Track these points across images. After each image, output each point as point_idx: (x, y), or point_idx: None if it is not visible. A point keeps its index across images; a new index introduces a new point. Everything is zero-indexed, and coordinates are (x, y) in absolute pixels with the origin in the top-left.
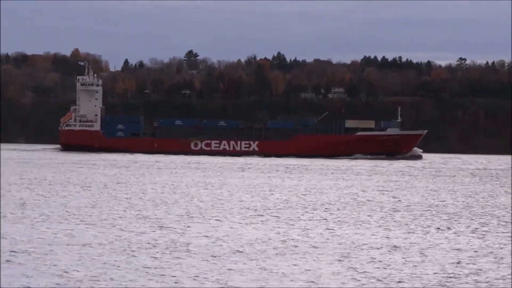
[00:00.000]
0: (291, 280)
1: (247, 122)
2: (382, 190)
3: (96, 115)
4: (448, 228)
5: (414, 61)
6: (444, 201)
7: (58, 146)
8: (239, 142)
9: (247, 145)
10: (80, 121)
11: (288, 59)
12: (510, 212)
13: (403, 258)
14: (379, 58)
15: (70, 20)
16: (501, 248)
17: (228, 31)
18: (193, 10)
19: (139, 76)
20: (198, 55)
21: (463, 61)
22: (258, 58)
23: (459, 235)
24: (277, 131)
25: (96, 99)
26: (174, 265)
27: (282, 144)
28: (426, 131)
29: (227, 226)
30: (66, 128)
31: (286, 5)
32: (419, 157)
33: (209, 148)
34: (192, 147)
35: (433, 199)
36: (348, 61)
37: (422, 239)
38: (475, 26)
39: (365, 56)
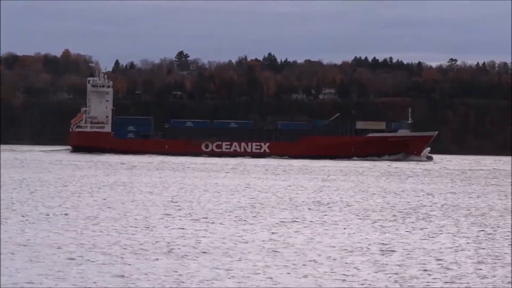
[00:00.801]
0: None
1: (256, 123)
2: (359, 192)
3: (107, 116)
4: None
5: (405, 62)
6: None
7: (69, 147)
8: (250, 144)
9: (258, 147)
10: (91, 122)
11: (279, 60)
12: None
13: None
14: (370, 59)
15: (60, 20)
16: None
17: (219, 32)
18: (183, 11)
19: (130, 77)
20: (189, 56)
21: (454, 62)
22: (249, 59)
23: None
24: (288, 132)
25: (107, 100)
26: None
27: (293, 145)
28: (437, 132)
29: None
30: (77, 129)
31: (277, 6)
32: (429, 159)
33: (220, 150)
34: (203, 148)
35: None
36: (339, 62)
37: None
38: (466, 27)
39: (356, 57)
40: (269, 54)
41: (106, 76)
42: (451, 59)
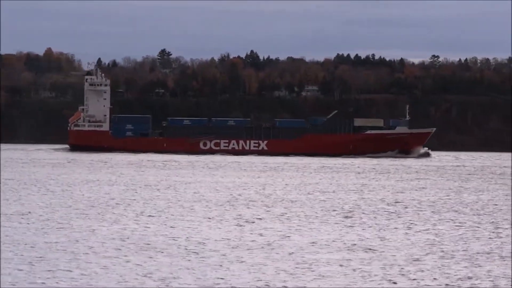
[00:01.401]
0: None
1: (254, 121)
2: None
3: (105, 115)
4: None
5: (387, 59)
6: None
7: (66, 146)
8: (248, 141)
9: (256, 144)
10: (89, 121)
11: (261, 57)
12: None
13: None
14: (352, 56)
15: (43, 19)
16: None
17: (201, 29)
18: (165, 9)
19: (112, 75)
20: (171, 54)
21: (436, 59)
22: (231, 57)
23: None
24: (286, 130)
25: (105, 99)
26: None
27: (291, 143)
28: (435, 129)
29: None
30: (75, 128)
31: (259, 4)
32: (427, 155)
33: (218, 148)
34: (201, 146)
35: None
36: (322, 59)
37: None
38: (448, 24)
39: (338, 54)
40: (252, 51)
41: (103, 74)
42: (433, 56)
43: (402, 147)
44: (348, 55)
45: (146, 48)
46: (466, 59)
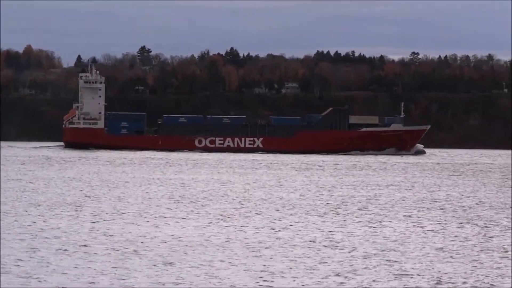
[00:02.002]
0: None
1: (249, 119)
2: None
3: (100, 112)
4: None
5: (367, 56)
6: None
7: (62, 143)
8: (243, 139)
9: (252, 142)
10: (84, 118)
11: (241, 55)
12: None
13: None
14: (332, 53)
15: (22, 16)
16: None
17: (180, 26)
18: (145, 5)
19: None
20: (151, 51)
21: (415, 56)
22: (211, 54)
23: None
24: (281, 128)
25: (100, 96)
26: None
27: (286, 140)
28: (429, 126)
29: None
30: (70, 126)
31: (238, 1)
32: (422, 153)
33: (213, 145)
34: (197, 144)
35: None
36: (301, 56)
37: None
38: (428, 21)
39: (318, 51)
40: (231, 48)
41: (98, 72)
42: (413, 53)
43: (398, 144)
44: (328, 52)
45: (126, 45)
46: (446, 56)
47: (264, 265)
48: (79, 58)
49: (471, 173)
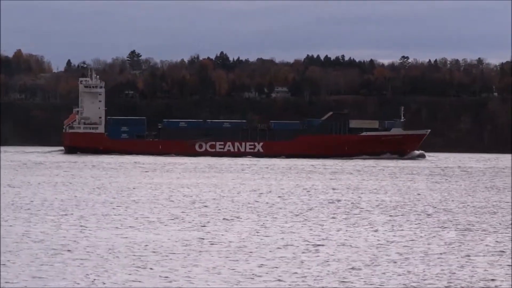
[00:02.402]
0: None
1: (250, 123)
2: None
3: (100, 117)
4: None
5: (357, 60)
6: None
7: (61, 148)
8: (243, 143)
9: (252, 146)
10: (84, 123)
11: (231, 59)
12: None
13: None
14: (322, 57)
15: (12, 20)
16: None
17: (171, 30)
18: (135, 9)
19: (82, 76)
20: (141, 55)
21: (405, 60)
22: (201, 58)
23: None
24: (282, 132)
25: (100, 101)
26: None
27: (287, 144)
28: (429, 130)
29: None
30: (70, 130)
31: (228, 4)
32: (422, 157)
33: (214, 150)
34: (197, 148)
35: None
36: (291, 60)
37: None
38: (418, 25)
39: (308, 55)
40: (221, 53)
41: (98, 76)
42: (403, 57)
43: (397, 149)
44: (318, 56)
45: (116, 50)
46: (435, 60)
47: (235, 268)
48: (69, 62)
49: (467, 177)
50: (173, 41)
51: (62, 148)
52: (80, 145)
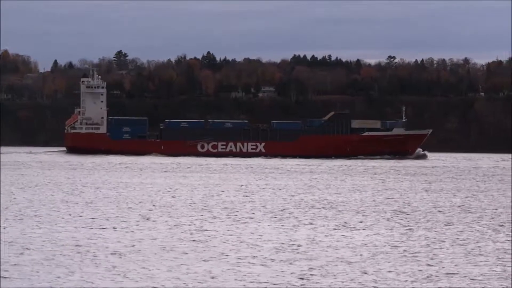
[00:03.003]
0: None
1: (251, 123)
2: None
3: (102, 117)
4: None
5: (344, 60)
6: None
7: (63, 148)
8: (245, 144)
9: (254, 147)
10: (86, 123)
11: (218, 59)
12: None
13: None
14: (309, 57)
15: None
16: None
17: (157, 31)
18: (122, 10)
19: (69, 76)
20: (127, 55)
21: (392, 59)
22: (188, 58)
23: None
24: (284, 132)
25: (102, 101)
26: None
27: (289, 145)
28: (431, 130)
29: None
30: (72, 131)
31: (214, 4)
32: (424, 157)
33: (216, 150)
34: (199, 149)
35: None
36: (278, 60)
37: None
38: (405, 25)
39: (294, 54)
40: (208, 52)
41: (100, 77)
42: (390, 56)
43: (399, 149)
44: (305, 56)
45: (102, 50)
46: (422, 60)
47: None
48: (55, 62)
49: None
50: (159, 41)
51: (64, 148)
52: (82, 145)
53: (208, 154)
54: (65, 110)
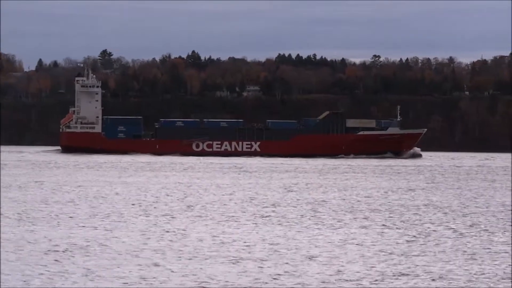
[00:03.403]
0: None
1: (246, 122)
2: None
3: (97, 117)
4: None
5: (329, 59)
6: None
7: (58, 148)
8: (240, 143)
9: (249, 146)
10: (81, 123)
11: (202, 58)
12: None
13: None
14: (294, 56)
15: None
16: None
17: (142, 30)
18: (107, 9)
19: (53, 76)
20: (112, 54)
21: (377, 58)
22: (172, 57)
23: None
24: (279, 131)
25: (97, 100)
26: None
27: (284, 144)
28: (426, 130)
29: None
30: (67, 130)
31: (199, 4)
32: (419, 156)
33: (211, 149)
34: (194, 148)
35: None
36: (263, 59)
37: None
38: (389, 24)
39: (279, 53)
40: (193, 52)
41: (95, 76)
42: (375, 55)
43: (394, 148)
44: (290, 55)
45: (87, 49)
46: (407, 59)
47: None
48: (40, 62)
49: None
50: (144, 41)
51: (59, 147)
52: (77, 144)
53: (203, 154)
54: (51, 109)
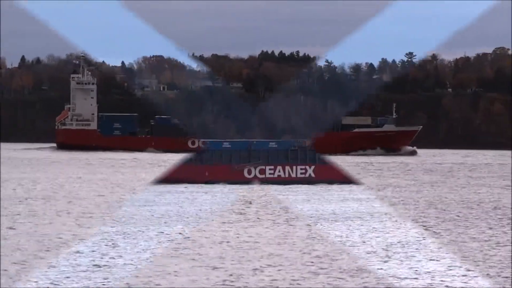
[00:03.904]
0: None
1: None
2: None
3: (93, 114)
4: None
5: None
6: None
7: (54, 145)
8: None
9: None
10: (77, 120)
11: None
12: None
13: None
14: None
15: None
16: None
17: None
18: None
19: (36, 72)
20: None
21: None
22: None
23: None
24: None
25: (92, 97)
26: None
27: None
28: (421, 127)
29: None
30: (62, 127)
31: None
32: (414, 153)
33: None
34: (190, 145)
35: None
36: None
37: None
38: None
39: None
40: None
41: (90, 73)
42: None
43: (390, 145)
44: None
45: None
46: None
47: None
48: (23, 58)
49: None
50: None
51: (54, 144)
52: (72, 141)
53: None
54: (33, 106)
